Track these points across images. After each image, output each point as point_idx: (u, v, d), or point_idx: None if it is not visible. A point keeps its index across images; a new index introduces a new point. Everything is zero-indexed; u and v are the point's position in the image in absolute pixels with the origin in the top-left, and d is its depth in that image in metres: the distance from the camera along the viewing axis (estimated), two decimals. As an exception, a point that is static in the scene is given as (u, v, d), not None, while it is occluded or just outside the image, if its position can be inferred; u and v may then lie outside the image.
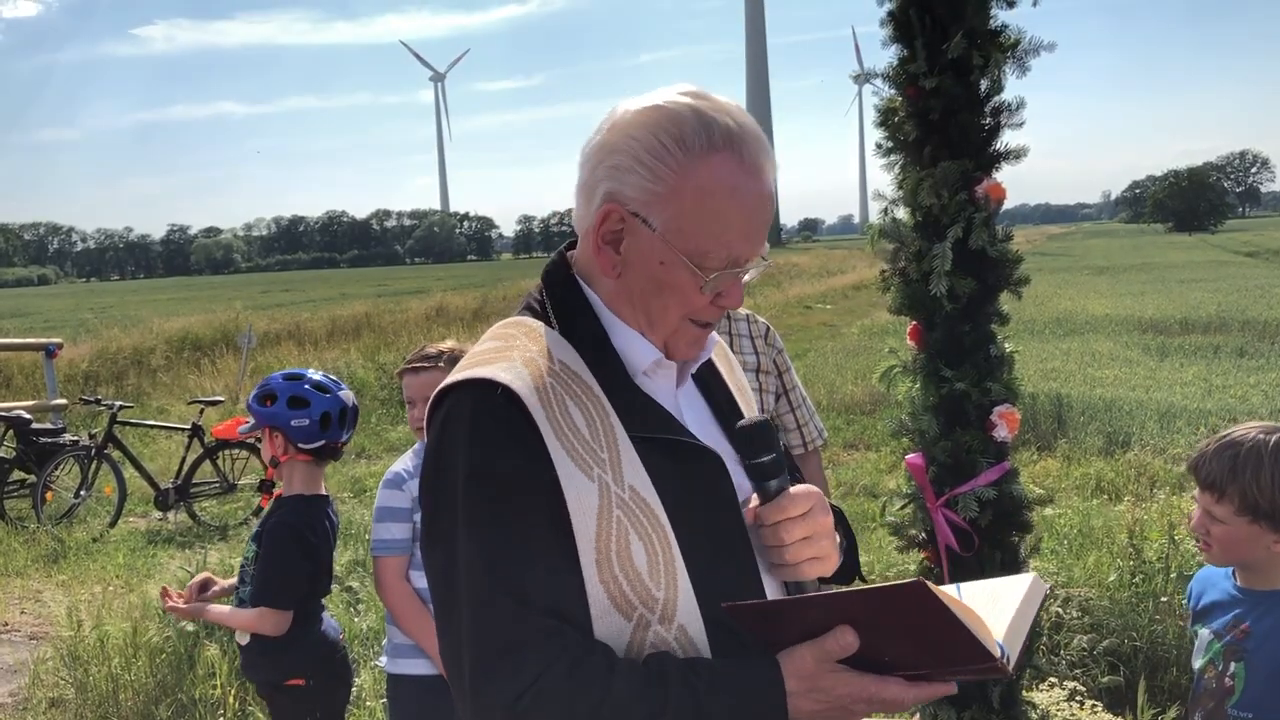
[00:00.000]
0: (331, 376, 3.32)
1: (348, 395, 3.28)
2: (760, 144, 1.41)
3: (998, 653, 1.22)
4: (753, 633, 1.32)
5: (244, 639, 3.23)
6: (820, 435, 3.33)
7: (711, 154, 1.37)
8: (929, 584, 1.16)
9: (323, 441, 3.21)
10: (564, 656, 1.26)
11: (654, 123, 1.39)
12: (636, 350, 1.46)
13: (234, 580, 3.38)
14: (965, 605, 1.22)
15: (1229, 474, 2.27)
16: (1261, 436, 2.28)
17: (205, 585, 3.36)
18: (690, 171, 1.37)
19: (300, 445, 3.21)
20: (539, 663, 1.25)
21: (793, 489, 1.43)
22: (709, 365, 1.62)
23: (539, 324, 1.47)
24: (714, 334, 1.57)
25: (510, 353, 1.41)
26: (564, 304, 1.48)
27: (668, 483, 1.37)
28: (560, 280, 1.51)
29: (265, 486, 3.39)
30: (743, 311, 3.14)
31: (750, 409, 1.63)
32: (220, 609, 3.25)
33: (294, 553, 3.16)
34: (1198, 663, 2.43)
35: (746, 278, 1.45)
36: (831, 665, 1.27)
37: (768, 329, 3.21)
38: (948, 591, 1.22)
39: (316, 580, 3.26)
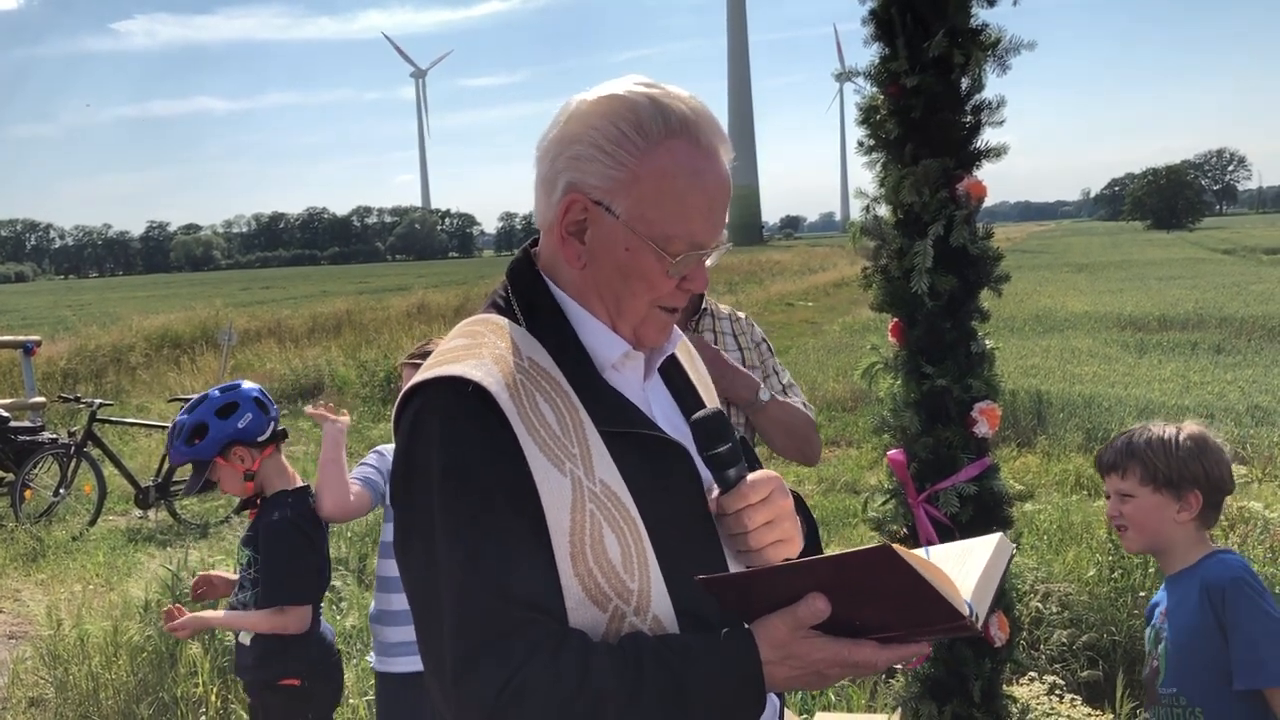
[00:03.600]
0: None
1: (246, 383, 3.34)
2: (715, 129, 1.45)
3: (966, 611, 1.24)
4: (726, 605, 1.33)
5: (247, 638, 3.20)
6: (810, 410, 3.31)
7: (670, 139, 1.40)
8: (896, 547, 1.19)
9: (271, 425, 3.25)
10: (543, 646, 1.27)
11: (612, 111, 1.41)
12: (604, 344, 1.47)
13: (234, 575, 3.39)
14: (933, 566, 1.24)
15: (1126, 450, 2.51)
16: (1155, 423, 2.57)
17: (207, 581, 3.38)
18: (650, 156, 1.40)
19: (259, 440, 3.22)
20: (519, 654, 1.26)
21: (751, 476, 1.45)
22: (672, 359, 1.64)
23: (506, 321, 1.47)
24: (678, 329, 1.59)
25: (479, 350, 1.41)
26: (530, 301, 1.49)
27: (637, 476, 1.39)
28: (525, 277, 1.52)
29: (247, 504, 3.36)
30: (725, 309, 3.14)
31: (712, 401, 1.65)
32: (230, 614, 3.21)
33: (299, 545, 3.16)
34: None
35: (709, 261, 1.48)
36: (805, 632, 1.28)
37: (749, 323, 3.19)
38: (917, 554, 1.24)
39: (322, 573, 3.27)
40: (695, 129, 1.42)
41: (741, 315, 3.18)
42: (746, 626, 1.33)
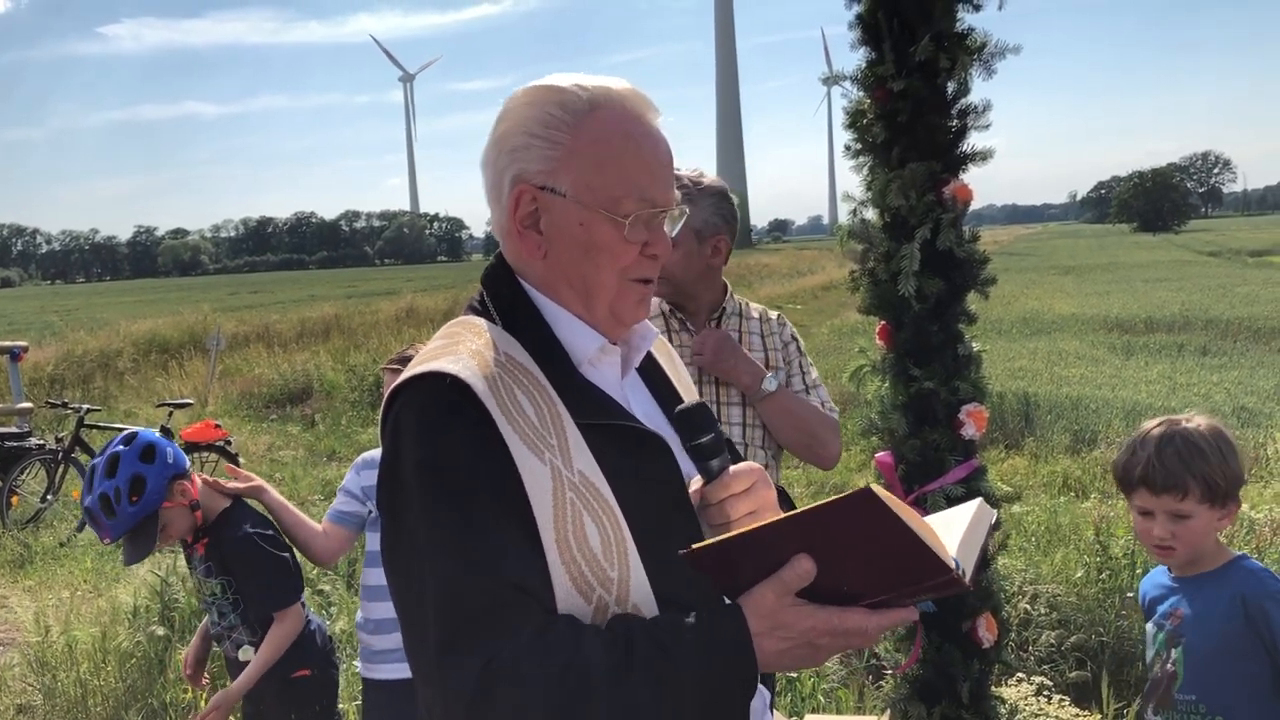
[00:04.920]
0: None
1: (137, 430, 3.35)
2: (640, 98, 1.52)
3: (953, 564, 1.22)
4: (713, 579, 1.32)
5: (248, 654, 3.20)
6: (833, 412, 3.26)
7: (595, 110, 1.48)
8: (878, 490, 1.17)
9: (181, 453, 3.26)
10: (529, 624, 1.27)
11: (538, 100, 1.50)
12: (580, 339, 1.50)
13: (200, 635, 3.42)
14: (917, 516, 1.23)
15: (1183, 468, 2.31)
16: (1183, 425, 2.37)
17: (200, 659, 3.43)
18: (581, 129, 1.47)
19: (187, 468, 3.22)
20: (505, 632, 1.26)
21: (733, 467, 1.47)
22: (649, 359, 1.67)
23: (483, 321, 1.51)
24: (653, 327, 1.62)
25: (456, 347, 1.44)
26: (504, 301, 1.53)
27: (615, 467, 1.40)
28: (500, 280, 1.56)
29: (198, 534, 3.31)
30: (756, 310, 3.12)
31: (692, 397, 1.67)
32: (249, 671, 3.15)
33: (267, 551, 3.19)
34: (1149, 656, 2.52)
35: (666, 227, 1.52)
36: (792, 599, 1.27)
37: (781, 323, 3.13)
38: (899, 502, 1.23)
39: (296, 565, 3.30)
40: (619, 98, 1.49)
41: (773, 315, 3.14)
42: (735, 602, 1.32)
